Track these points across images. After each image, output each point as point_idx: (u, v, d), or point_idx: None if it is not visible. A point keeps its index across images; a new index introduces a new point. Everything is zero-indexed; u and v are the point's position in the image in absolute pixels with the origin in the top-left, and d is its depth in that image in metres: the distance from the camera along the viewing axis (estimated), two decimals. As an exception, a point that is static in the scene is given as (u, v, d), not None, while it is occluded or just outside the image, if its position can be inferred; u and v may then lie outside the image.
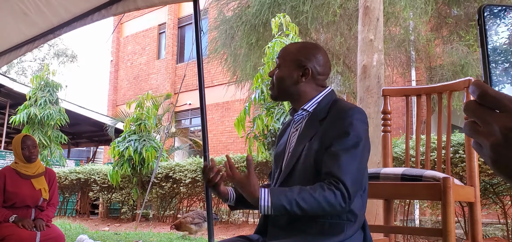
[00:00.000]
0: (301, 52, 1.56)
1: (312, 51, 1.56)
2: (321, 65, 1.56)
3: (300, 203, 1.33)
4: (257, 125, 6.37)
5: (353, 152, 1.39)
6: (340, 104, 1.49)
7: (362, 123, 1.43)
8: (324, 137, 1.44)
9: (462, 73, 7.28)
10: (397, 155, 5.19)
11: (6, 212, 3.15)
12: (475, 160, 2.17)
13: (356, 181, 1.38)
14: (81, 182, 10.12)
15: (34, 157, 3.33)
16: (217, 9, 9.22)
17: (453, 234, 1.85)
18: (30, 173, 3.32)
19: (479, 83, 0.51)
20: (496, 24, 0.54)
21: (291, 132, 1.62)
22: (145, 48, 16.94)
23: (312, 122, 1.52)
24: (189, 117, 15.33)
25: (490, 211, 5.31)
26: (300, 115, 1.58)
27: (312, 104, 1.54)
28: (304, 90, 1.55)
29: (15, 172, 3.29)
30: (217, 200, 8.17)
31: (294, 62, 1.56)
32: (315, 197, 1.33)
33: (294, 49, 1.58)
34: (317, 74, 1.55)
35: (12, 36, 4.10)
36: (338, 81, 8.99)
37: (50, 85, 11.14)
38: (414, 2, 7.10)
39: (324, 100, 1.54)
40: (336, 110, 1.47)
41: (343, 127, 1.41)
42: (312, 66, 1.54)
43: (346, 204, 1.35)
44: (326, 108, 1.51)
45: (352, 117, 1.42)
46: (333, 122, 1.45)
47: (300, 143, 1.51)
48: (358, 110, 1.45)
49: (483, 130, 0.51)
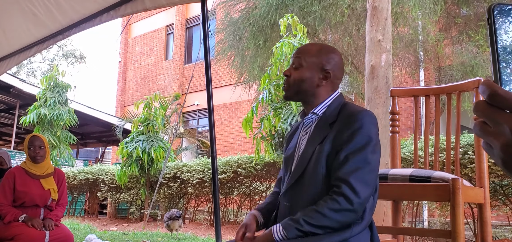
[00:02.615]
0: (323, 55, 1.56)
1: (332, 55, 1.57)
2: (339, 69, 1.58)
3: (308, 221, 1.36)
4: (264, 125, 6.37)
5: (363, 153, 1.39)
6: (349, 108, 1.49)
7: (372, 126, 1.43)
8: (335, 141, 1.44)
9: (472, 74, 7.22)
10: (406, 156, 5.16)
11: (16, 211, 3.17)
12: (484, 161, 2.16)
13: (366, 181, 1.38)
14: (90, 182, 10.19)
15: (39, 157, 3.33)
16: (224, 10, 9.24)
17: (462, 235, 1.83)
18: (39, 173, 3.34)
19: (489, 83, 0.50)
20: (506, 24, 0.53)
21: (301, 135, 1.62)
22: (153, 49, 17.02)
23: (322, 125, 1.52)
24: (197, 117, 15.37)
25: (500, 212, 5.26)
26: (310, 118, 1.58)
27: (322, 108, 1.55)
28: (321, 93, 1.56)
29: (25, 172, 3.32)
30: (224, 200, 8.18)
31: (316, 64, 1.55)
32: (319, 211, 1.36)
33: (315, 51, 1.57)
34: (334, 78, 1.57)
35: (22, 37, 4.14)
36: (346, 81, 8.96)
37: (59, 86, 11.23)
38: (422, 2, 7.05)
39: (334, 104, 1.55)
40: (345, 114, 1.48)
41: (353, 130, 1.41)
42: (333, 71, 1.55)
43: (354, 205, 1.35)
44: (336, 112, 1.51)
45: (362, 121, 1.42)
46: (343, 126, 1.45)
47: (310, 146, 1.50)
48: (368, 113, 1.45)
49: (493, 130, 0.50)
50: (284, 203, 1.55)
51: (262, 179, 7.65)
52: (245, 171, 7.44)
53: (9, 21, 3.89)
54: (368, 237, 1.47)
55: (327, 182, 1.43)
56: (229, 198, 8.28)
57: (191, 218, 8.90)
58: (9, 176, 3.26)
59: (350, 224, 1.40)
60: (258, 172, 7.38)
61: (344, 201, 1.34)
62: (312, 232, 1.37)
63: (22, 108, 12.43)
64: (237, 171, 7.59)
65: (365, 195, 1.37)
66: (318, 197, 1.42)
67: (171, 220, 6.49)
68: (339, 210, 1.34)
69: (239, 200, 8.21)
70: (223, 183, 7.81)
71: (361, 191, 1.35)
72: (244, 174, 7.48)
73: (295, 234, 1.37)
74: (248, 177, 7.56)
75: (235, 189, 7.98)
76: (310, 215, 1.36)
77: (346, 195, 1.34)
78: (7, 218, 3.13)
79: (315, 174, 1.46)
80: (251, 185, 7.80)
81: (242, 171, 7.48)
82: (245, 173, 7.46)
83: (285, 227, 1.38)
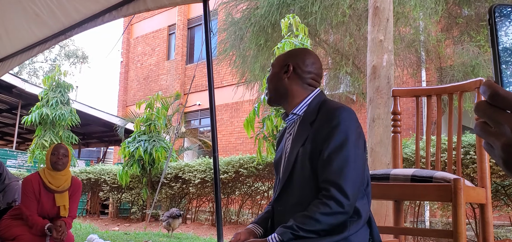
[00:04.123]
0: (286, 55, 1.66)
1: (297, 52, 1.65)
2: (305, 64, 1.60)
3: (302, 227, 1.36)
4: (266, 125, 6.36)
5: (345, 150, 1.39)
6: (327, 105, 1.50)
7: (350, 121, 1.43)
8: (315, 140, 1.45)
9: (473, 74, 7.22)
10: (407, 156, 5.16)
11: (43, 222, 3.12)
12: (486, 161, 2.16)
13: (352, 180, 1.38)
14: (92, 182, 10.21)
15: (60, 164, 3.26)
16: (225, 10, 9.25)
17: (464, 236, 1.83)
18: (55, 186, 3.26)
19: (490, 83, 0.51)
20: (507, 25, 0.54)
21: (286, 137, 1.64)
22: (155, 49, 17.03)
23: (304, 125, 1.53)
24: (199, 118, 15.38)
25: (502, 213, 5.26)
26: (291, 119, 1.60)
27: (302, 107, 1.56)
28: (291, 88, 1.59)
29: (41, 183, 3.24)
30: (226, 200, 8.19)
31: (279, 64, 1.64)
32: (312, 216, 1.36)
33: (282, 55, 1.68)
34: (301, 72, 1.59)
35: (24, 37, 4.15)
36: (348, 81, 8.96)
37: (61, 86, 11.25)
38: (424, 2, 7.05)
39: (314, 102, 1.56)
40: (323, 112, 1.49)
41: (330, 128, 1.42)
42: (293, 63, 1.60)
43: (344, 207, 1.36)
44: (316, 109, 1.52)
45: (340, 117, 1.42)
46: (322, 124, 1.46)
47: (294, 148, 1.52)
48: (345, 109, 1.46)
49: (494, 130, 0.51)
50: (278, 208, 1.57)
51: (264, 179, 7.65)
52: (247, 171, 7.45)
53: (11, 21, 3.90)
54: (367, 234, 1.47)
55: (314, 182, 1.43)
56: (230, 198, 8.28)
57: (192, 218, 8.91)
58: (28, 185, 3.19)
59: (346, 223, 1.40)
60: (260, 172, 7.39)
61: (335, 205, 1.35)
62: (307, 237, 1.37)
63: (24, 108, 12.47)
64: (239, 171, 7.59)
65: (354, 193, 1.38)
66: (308, 198, 1.42)
67: (171, 218, 6.52)
68: (331, 214, 1.35)
69: (240, 200, 8.22)
70: (225, 183, 7.81)
71: (350, 191, 1.36)
72: (246, 174, 7.49)
73: (290, 238, 1.38)
74: (250, 177, 7.57)
75: (237, 189, 7.98)
76: (303, 221, 1.37)
77: (336, 198, 1.35)
78: (34, 228, 3.10)
79: (302, 176, 1.47)
80: (252, 185, 7.80)
81: (244, 171, 7.49)
82: (247, 173, 7.46)
83: (280, 233, 1.39)
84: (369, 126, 4.28)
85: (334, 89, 9.23)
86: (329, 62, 8.90)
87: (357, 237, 1.41)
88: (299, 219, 1.38)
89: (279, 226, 1.42)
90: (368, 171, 1.52)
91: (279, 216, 1.54)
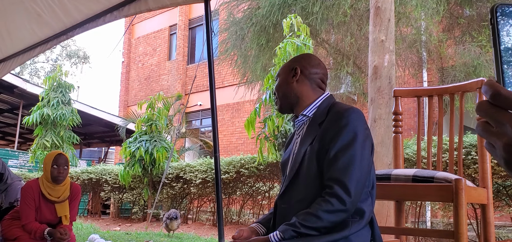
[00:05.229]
0: (291, 61, 1.68)
1: (301, 56, 1.68)
2: (312, 64, 1.63)
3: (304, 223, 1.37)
4: (267, 125, 6.36)
5: (351, 150, 1.40)
6: (337, 107, 1.52)
7: (358, 122, 1.44)
8: (323, 139, 1.46)
9: (475, 74, 7.20)
10: (409, 156, 5.15)
11: (41, 227, 3.08)
12: (487, 162, 2.15)
13: (357, 179, 1.39)
14: (93, 182, 10.21)
15: (61, 178, 3.17)
16: (227, 10, 9.24)
17: (465, 236, 1.83)
18: (55, 197, 3.20)
19: (491, 83, 0.50)
20: (508, 24, 0.53)
21: (295, 139, 1.65)
22: (156, 49, 17.04)
23: (312, 126, 1.54)
24: (200, 118, 15.39)
25: (503, 213, 5.25)
26: (300, 121, 1.61)
27: (311, 109, 1.58)
28: (300, 91, 1.60)
29: (40, 194, 3.17)
30: (227, 200, 8.19)
31: (286, 70, 1.66)
32: (314, 213, 1.37)
33: (285, 63, 1.70)
34: (309, 73, 1.61)
35: (26, 37, 4.16)
36: (349, 82, 8.95)
37: (63, 86, 11.27)
38: (425, 2, 7.04)
39: (323, 104, 1.57)
40: (333, 113, 1.50)
41: (339, 127, 1.43)
42: (300, 65, 1.62)
43: (346, 205, 1.36)
44: (325, 111, 1.54)
45: (348, 118, 1.44)
46: (330, 124, 1.47)
47: (302, 147, 1.53)
48: (354, 110, 1.47)
49: (495, 130, 0.51)
50: (281, 205, 1.57)
51: (265, 179, 7.65)
52: (248, 171, 7.45)
53: (13, 21, 3.90)
54: (369, 235, 1.47)
55: (320, 180, 1.44)
56: (232, 198, 8.28)
57: (194, 218, 8.91)
58: (27, 193, 3.13)
59: (348, 222, 1.40)
60: (261, 172, 7.39)
61: (337, 202, 1.36)
62: (308, 234, 1.38)
63: (25, 108, 12.49)
64: (240, 171, 7.59)
65: (357, 192, 1.39)
66: (313, 196, 1.43)
67: (169, 220, 6.57)
68: (333, 211, 1.36)
69: (242, 200, 8.22)
70: (226, 183, 7.82)
71: (353, 190, 1.37)
72: (247, 174, 7.49)
73: (291, 235, 1.38)
74: (251, 177, 7.57)
75: (238, 189, 7.98)
76: (304, 218, 1.37)
77: (339, 195, 1.36)
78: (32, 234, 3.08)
79: (308, 174, 1.47)
80: (254, 185, 7.80)
81: (245, 171, 7.49)
82: (248, 173, 7.46)
83: (282, 230, 1.40)
84: (370, 126, 4.27)
85: (335, 90, 9.22)
86: (330, 63, 8.90)
87: (357, 237, 1.41)
88: (301, 216, 1.39)
89: (282, 224, 1.42)
90: (374, 173, 1.53)
91: (282, 212, 1.54)
